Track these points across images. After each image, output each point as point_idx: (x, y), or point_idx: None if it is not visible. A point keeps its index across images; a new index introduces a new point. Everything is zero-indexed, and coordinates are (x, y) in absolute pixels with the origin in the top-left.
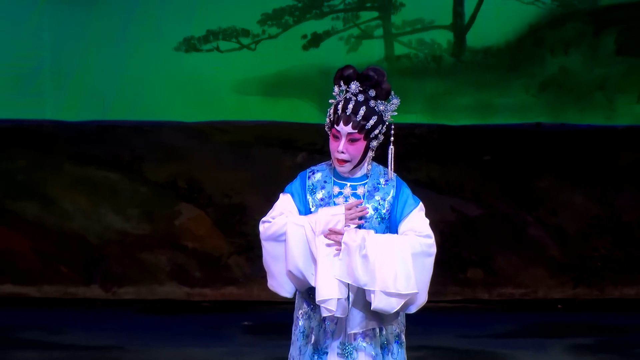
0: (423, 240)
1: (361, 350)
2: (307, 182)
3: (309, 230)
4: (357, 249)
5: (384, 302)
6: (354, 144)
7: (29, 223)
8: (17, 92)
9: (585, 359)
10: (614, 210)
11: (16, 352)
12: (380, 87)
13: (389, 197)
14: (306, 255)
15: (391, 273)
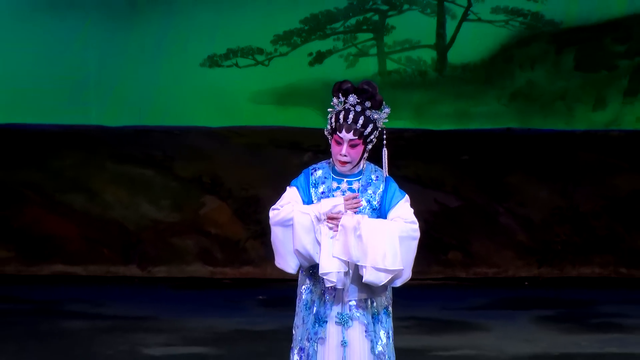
0: (409, 226)
1: (355, 319)
2: (310, 178)
3: (314, 217)
4: (352, 231)
5: (374, 276)
6: (354, 148)
7: (76, 212)
8: (67, 101)
9: (547, 328)
10: (572, 202)
11: (65, 322)
12: (374, 99)
13: (379, 190)
14: (311, 237)
15: (380, 251)
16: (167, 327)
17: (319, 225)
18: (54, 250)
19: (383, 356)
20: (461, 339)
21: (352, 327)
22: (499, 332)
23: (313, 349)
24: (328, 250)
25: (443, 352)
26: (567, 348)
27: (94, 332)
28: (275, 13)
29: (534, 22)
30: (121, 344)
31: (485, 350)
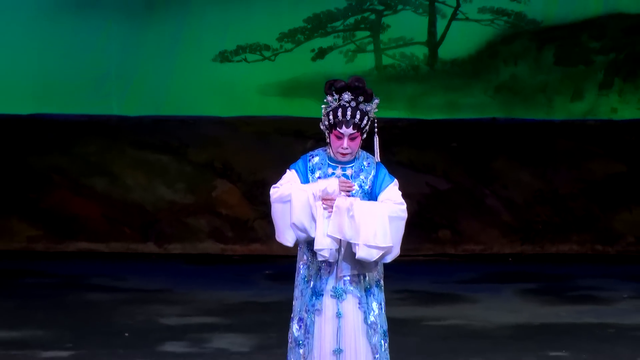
0: (397, 207)
1: (349, 293)
2: (308, 164)
3: (311, 195)
4: (345, 211)
5: (366, 253)
6: (353, 140)
7: (99, 194)
8: (90, 93)
9: (529, 300)
10: (552, 185)
11: (89, 294)
12: (366, 93)
13: (370, 176)
14: (307, 212)
15: (372, 230)
16: (181, 299)
17: (316, 203)
18: (79, 229)
19: (375, 325)
20: (451, 310)
21: (346, 300)
22: (485, 303)
23: (311, 320)
24: (323, 228)
25: (434, 322)
26: (548, 318)
27: (115, 303)
28: (281, 13)
29: (517, 21)
30: (140, 314)
31: (473, 320)
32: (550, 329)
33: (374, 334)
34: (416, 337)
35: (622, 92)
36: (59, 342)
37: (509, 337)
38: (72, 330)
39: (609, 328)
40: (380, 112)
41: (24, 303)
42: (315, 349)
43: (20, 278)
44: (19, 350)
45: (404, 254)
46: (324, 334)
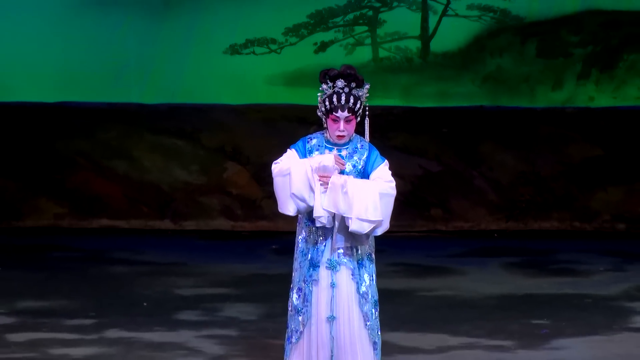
0: (387, 184)
1: (342, 265)
2: (306, 145)
3: (308, 167)
4: (340, 187)
5: (358, 225)
6: (349, 123)
7: (119, 176)
8: (111, 83)
9: (514, 272)
10: (534, 167)
11: (110, 267)
12: (358, 80)
13: (363, 157)
14: (306, 183)
15: (363, 205)
16: (195, 272)
17: (313, 175)
18: (101, 207)
19: (367, 295)
20: (442, 282)
21: (339, 271)
22: (473, 275)
23: (309, 289)
24: (320, 201)
25: (427, 293)
26: (530, 289)
27: (134, 275)
28: (286, 9)
29: (502, 17)
30: (157, 285)
31: (462, 291)
32: (533, 299)
33: (365, 302)
34: (410, 306)
35: (599, 82)
36: (83, 311)
37: (495, 307)
38: (95, 300)
39: (586, 298)
40: (377, 100)
41: (51, 275)
42: (312, 316)
43: (47, 252)
44: (47, 318)
45: (399, 230)
46: (320, 302)
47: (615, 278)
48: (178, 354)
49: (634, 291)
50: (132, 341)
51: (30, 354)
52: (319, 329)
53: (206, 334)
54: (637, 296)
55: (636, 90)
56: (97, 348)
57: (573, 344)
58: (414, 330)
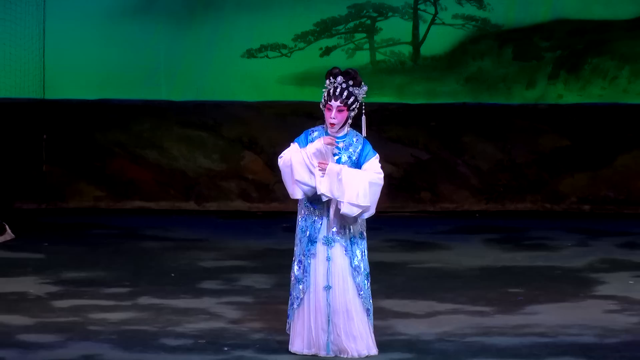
0: (376, 175)
1: (336, 241)
2: (308, 137)
3: (305, 155)
4: (335, 175)
5: (348, 209)
6: (340, 113)
7: (151, 163)
8: (144, 82)
9: (493, 247)
10: (510, 156)
11: (142, 242)
12: (356, 79)
13: (357, 149)
14: (305, 169)
15: (354, 191)
16: (216, 247)
17: (312, 161)
18: (134, 190)
19: (359, 268)
20: (430, 255)
21: (334, 247)
22: (458, 250)
23: (307, 262)
24: (319, 180)
25: (417, 265)
26: (507, 262)
27: (163, 250)
28: (295, 18)
29: (482, 26)
30: (183, 258)
31: (448, 263)
32: (509, 270)
33: (358, 275)
34: (402, 276)
35: (567, 82)
36: (118, 281)
37: (476, 277)
38: (129, 271)
39: (556, 270)
40: (374, 97)
41: (91, 250)
42: (311, 285)
43: (88, 230)
44: (87, 287)
45: (393, 210)
46: (317, 273)
47: (581, 252)
48: (201, 318)
49: (598, 264)
50: (161, 307)
51: (73, 318)
52: (317, 296)
53: (225, 301)
54: (600, 268)
55: (599, 89)
56: (131, 313)
57: (545, 310)
58: (406, 297)
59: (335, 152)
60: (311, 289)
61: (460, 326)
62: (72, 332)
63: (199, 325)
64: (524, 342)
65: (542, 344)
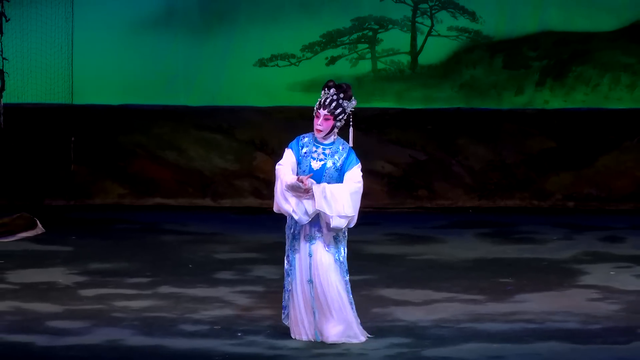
0: (356, 185)
1: (317, 239)
2: (299, 142)
3: (283, 185)
4: (321, 193)
5: (337, 222)
6: (326, 121)
7: (170, 163)
8: (164, 89)
9: (484, 241)
10: (501, 157)
11: (162, 236)
12: (346, 93)
13: (342, 157)
14: (282, 198)
15: (340, 204)
16: (230, 240)
17: (287, 193)
18: (155, 188)
19: (343, 265)
20: (427, 248)
21: (315, 243)
22: (452, 243)
23: (292, 256)
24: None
25: (415, 257)
26: (497, 254)
27: (181, 243)
28: (303, 30)
29: (475, 37)
30: (200, 251)
31: (443, 255)
32: (500, 262)
33: (342, 270)
34: (401, 267)
35: (552, 88)
36: (140, 272)
37: (469, 268)
38: (150, 262)
39: (542, 261)
40: (376, 103)
41: (115, 243)
42: (296, 277)
43: (112, 224)
44: (111, 277)
45: (392, 207)
46: (301, 267)
47: (566, 245)
48: (216, 306)
49: (581, 256)
50: (180, 295)
51: (98, 306)
52: (302, 288)
53: (239, 290)
54: (583, 260)
55: (582, 95)
56: (152, 301)
57: (532, 298)
58: (404, 287)
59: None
60: (297, 281)
61: (455, 313)
62: (98, 319)
63: (214, 312)
64: (513, 328)
65: (530, 329)
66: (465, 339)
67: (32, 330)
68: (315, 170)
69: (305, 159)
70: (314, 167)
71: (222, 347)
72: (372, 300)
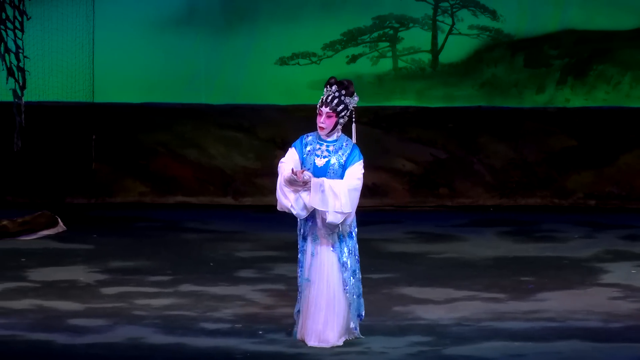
0: (355, 182)
1: (323, 237)
2: (303, 141)
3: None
4: (318, 187)
5: (333, 217)
6: (329, 118)
7: (191, 161)
8: (186, 88)
9: (505, 239)
10: (522, 155)
11: (183, 234)
12: (348, 90)
13: (346, 153)
14: (282, 198)
15: (337, 201)
16: (251, 238)
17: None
18: (176, 186)
19: (346, 264)
20: (448, 246)
21: (319, 243)
22: (473, 241)
23: (301, 257)
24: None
25: (436, 255)
26: (518, 252)
27: (203, 241)
28: (324, 29)
29: (496, 35)
30: (221, 249)
31: (464, 254)
32: (521, 260)
33: (345, 270)
34: (422, 266)
35: (573, 87)
36: (161, 270)
37: (490, 266)
38: (171, 261)
39: (563, 260)
40: (396, 101)
41: (136, 241)
42: (303, 278)
43: (133, 222)
44: (132, 275)
45: (413, 205)
46: (306, 267)
47: (587, 244)
48: (237, 304)
49: (602, 254)
50: (201, 293)
51: (119, 304)
52: (308, 289)
53: (260, 288)
54: (605, 258)
55: (603, 94)
56: (173, 299)
57: (553, 297)
58: (425, 285)
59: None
60: (304, 281)
61: (476, 312)
62: (119, 317)
63: (235, 310)
64: (534, 327)
65: (551, 328)
66: (486, 338)
67: (53, 328)
68: (319, 168)
69: (309, 156)
70: (318, 164)
71: (243, 345)
72: (393, 299)
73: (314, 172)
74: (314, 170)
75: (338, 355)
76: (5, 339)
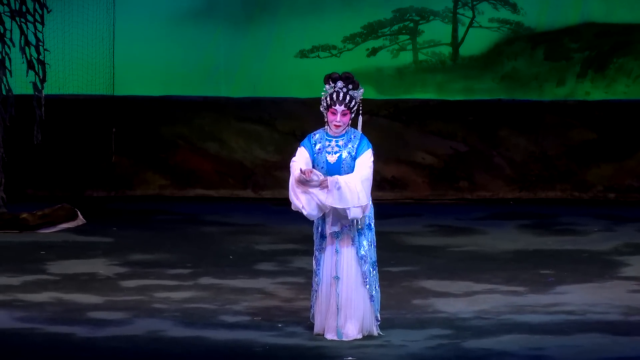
0: (366, 170)
1: (345, 234)
2: (311, 140)
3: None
4: (334, 185)
5: (355, 212)
6: (344, 116)
7: (211, 154)
8: (206, 81)
9: (525, 232)
10: (542, 148)
11: (203, 227)
12: (354, 83)
13: (355, 144)
14: (294, 195)
15: (355, 195)
16: (271, 231)
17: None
18: (196, 179)
19: (365, 257)
20: (468, 239)
21: (342, 239)
22: (493, 235)
23: (320, 255)
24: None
25: (456, 248)
26: (538, 246)
27: (223, 234)
28: (344, 21)
29: (516, 28)
30: (241, 242)
31: (484, 247)
32: (540, 253)
33: (364, 264)
34: (443, 259)
35: (594, 80)
36: (181, 263)
37: (510, 260)
38: (191, 253)
39: (583, 253)
40: (416, 94)
41: (156, 234)
42: (323, 277)
43: (153, 215)
44: (153, 268)
45: (434, 198)
46: (327, 265)
47: (607, 237)
48: (257, 297)
49: (622, 247)
50: (221, 286)
51: (139, 297)
52: (328, 287)
53: (280, 281)
54: (624, 251)
55: (624, 87)
56: (193, 292)
57: (573, 290)
58: (445, 278)
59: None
60: (323, 280)
61: (496, 305)
62: (139, 310)
63: (255, 303)
64: (554, 320)
65: (571, 321)
66: (506, 331)
67: (73, 321)
68: (332, 164)
69: (321, 154)
70: (330, 161)
71: (263, 338)
72: (413, 292)
73: (328, 169)
74: (327, 168)
75: (357, 349)
76: (25, 331)
